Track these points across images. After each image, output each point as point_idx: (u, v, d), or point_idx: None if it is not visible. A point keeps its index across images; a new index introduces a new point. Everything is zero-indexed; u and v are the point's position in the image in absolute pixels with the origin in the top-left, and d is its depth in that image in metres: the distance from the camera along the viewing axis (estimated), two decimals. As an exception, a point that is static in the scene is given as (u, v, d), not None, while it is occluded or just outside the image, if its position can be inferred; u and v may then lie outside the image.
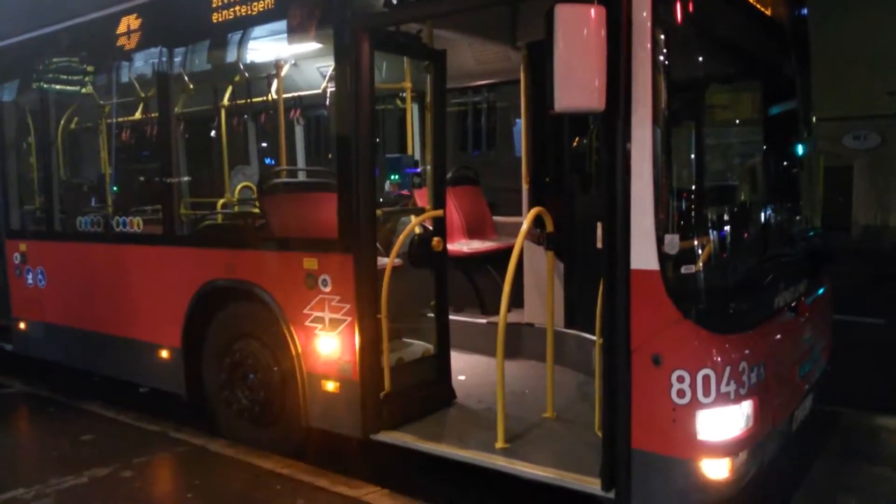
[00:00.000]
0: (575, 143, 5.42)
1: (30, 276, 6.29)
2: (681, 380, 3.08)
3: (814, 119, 5.05)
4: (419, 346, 4.65)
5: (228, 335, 4.76)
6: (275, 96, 5.86)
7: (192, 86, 5.53)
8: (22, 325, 6.42)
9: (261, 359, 4.56)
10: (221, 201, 6.08)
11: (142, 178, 6.10)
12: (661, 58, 3.08)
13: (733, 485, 3.23)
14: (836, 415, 5.14)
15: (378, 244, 4.38)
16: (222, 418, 4.85)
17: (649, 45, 3.07)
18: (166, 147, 5.16)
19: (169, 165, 5.13)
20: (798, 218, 4.77)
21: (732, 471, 3.17)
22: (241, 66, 5.78)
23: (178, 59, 5.19)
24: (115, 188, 5.89)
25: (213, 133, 6.63)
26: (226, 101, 6.28)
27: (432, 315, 4.66)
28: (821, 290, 4.51)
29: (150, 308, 5.25)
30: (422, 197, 5.09)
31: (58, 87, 6.16)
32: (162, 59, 5.13)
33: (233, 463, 4.38)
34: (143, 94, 5.78)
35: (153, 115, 5.44)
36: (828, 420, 4.96)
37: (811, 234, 4.78)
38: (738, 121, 5.64)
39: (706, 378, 3.07)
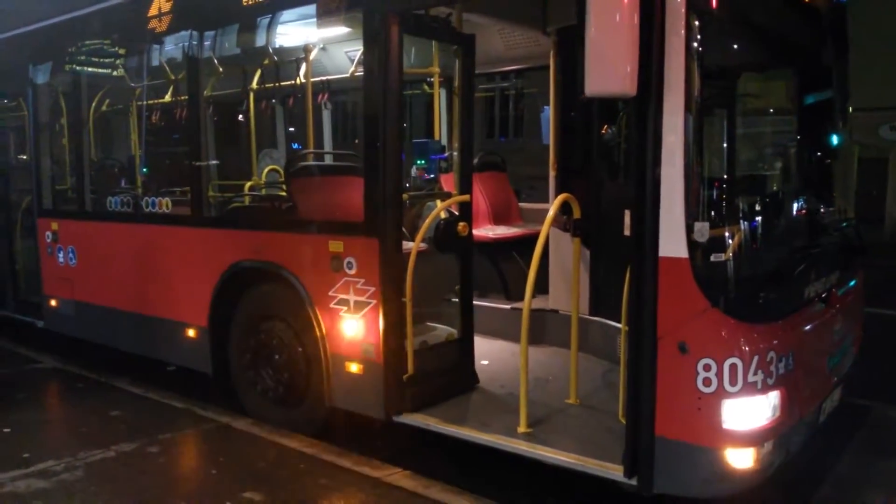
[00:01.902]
0: (603, 131, 5.36)
1: (61, 255, 6.41)
2: (707, 368, 3.05)
3: (850, 109, 4.95)
4: (443, 330, 4.66)
5: (254, 316, 4.82)
6: (303, 80, 5.89)
7: (221, 69, 5.57)
8: (53, 303, 6.56)
9: (286, 340, 4.61)
10: (249, 184, 6.14)
11: (171, 160, 6.17)
12: (695, 44, 3.03)
13: (758, 475, 3.20)
14: (866, 408, 5.06)
15: (404, 228, 4.38)
16: (247, 397, 4.91)
17: (683, 31, 3.02)
18: (195, 130, 5.21)
19: (198, 148, 5.17)
20: (831, 209, 4.69)
21: (757, 461, 3.14)
22: (271, 50, 5.80)
23: (207, 43, 5.23)
24: (144, 169, 5.97)
25: (241, 116, 6.69)
26: (254, 85, 6.33)
27: (457, 300, 4.66)
28: (852, 283, 4.43)
29: (177, 288, 5.33)
30: (448, 182, 5.08)
31: (90, 69, 6.24)
32: (192, 42, 5.17)
33: (257, 441, 4.44)
34: (173, 77, 5.84)
35: (183, 97, 5.48)
36: (857, 413, 4.89)
37: (844, 225, 4.69)
38: (771, 109, 5.54)
39: (733, 367, 3.04)
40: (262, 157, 6.63)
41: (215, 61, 5.48)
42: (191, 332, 5.18)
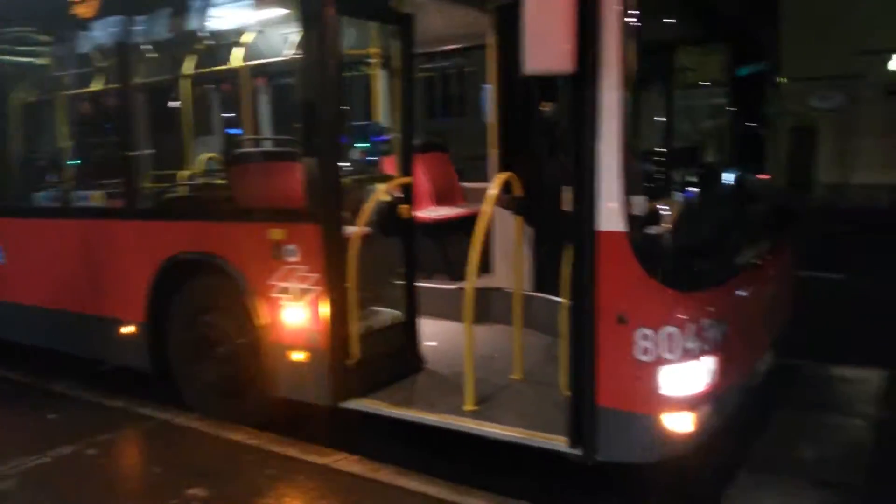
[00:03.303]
0: (544, 108, 5.40)
1: (-13, 254, 6.16)
2: (645, 338, 3.14)
3: (781, 80, 5.09)
4: (388, 314, 4.65)
5: (194, 308, 4.72)
6: (238, 64, 5.76)
7: (152, 55, 5.41)
8: (-19, 305, 6.30)
9: (227, 331, 4.53)
10: (184, 173, 5.99)
11: (102, 152, 5.97)
12: (630, 20, 3.06)
13: (696, 437, 3.31)
14: (797, 367, 5.27)
15: (346, 213, 4.35)
16: (189, 392, 4.82)
17: (618, 8, 3.05)
18: (126, 119, 5.05)
19: (129, 138, 5.02)
20: (763, 177, 4.83)
21: (695, 424, 3.25)
22: (204, 34, 5.66)
23: (137, 28, 5.06)
24: (74, 162, 5.76)
25: (175, 103, 6.51)
26: (188, 71, 6.16)
27: (401, 282, 4.66)
28: (784, 248, 4.59)
29: (113, 284, 5.17)
30: (390, 164, 5.06)
31: (11, 57, 5.98)
32: (120, 27, 4.99)
33: (201, 436, 4.36)
34: (101, 65, 5.64)
35: (113, 86, 5.30)
36: (789, 372, 5.09)
37: (775, 193, 4.85)
38: (705, 82, 5.67)
39: (670, 335, 3.12)
40: (197, 144, 6.47)
41: (145, 47, 5.32)
42: (128, 329, 5.04)
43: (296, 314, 4.16)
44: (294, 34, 5.17)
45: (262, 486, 3.66)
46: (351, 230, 4.22)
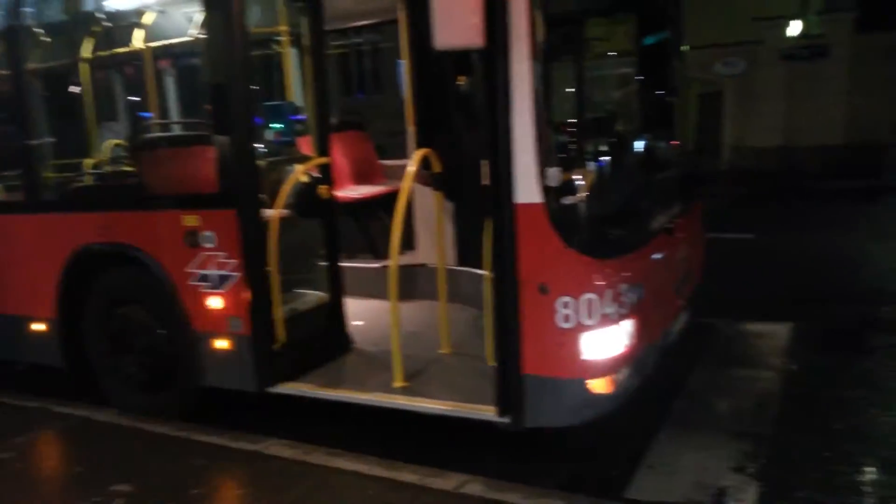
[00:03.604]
0: (460, 82, 5.41)
1: None
2: (566, 305, 3.23)
3: (685, 48, 5.25)
4: (313, 296, 4.61)
5: (109, 301, 4.56)
6: (141, 46, 5.52)
7: (46, 38, 5.11)
8: None
9: (146, 322, 4.40)
10: (90, 161, 5.73)
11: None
12: (538, -8, 3.10)
13: (618, 398, 3.45)
14: (710, 325, 5.55)
15: (263, 196, 4.27)
16: (110, 387, 4.68)
17: (525, -20, 3.07)
18: (22, 107, 4.78)
19: (27, 126, 4.76)
20: (672, 143, 5.00)
21: (616, 385, 3.38)
22: (102, 15, 5.39)
23: (27, 9, 4.78)
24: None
25: (75, 88, 6.20)
26: (87, 54, 5.86)
27: (324, 263, 4.62)
28: (694, 211, 4.78)
29: (18, 280, 4.93)
30: (306, 145, 4.98)
31: None
32: (8, 9, 4.69)
33: (125, 432, 4.25)
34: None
35: (4, 71, 5.00)
36: (702, 331, 5.35)
37: (684, 158, 5.03)
38: (613, 53, 5.80)
39: (589, 302, 3.23)
40: (102, 130, 6.19)
41: (38, 30, 5.03)
42: (39, 326, 4.83)
43: (216, 301, 4.08)
44: (197, 13, 5.00)
45: (190, 477, 3.60)
46: (269, 213, 4.15)
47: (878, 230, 9.95)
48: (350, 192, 5.96)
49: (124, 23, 5.61)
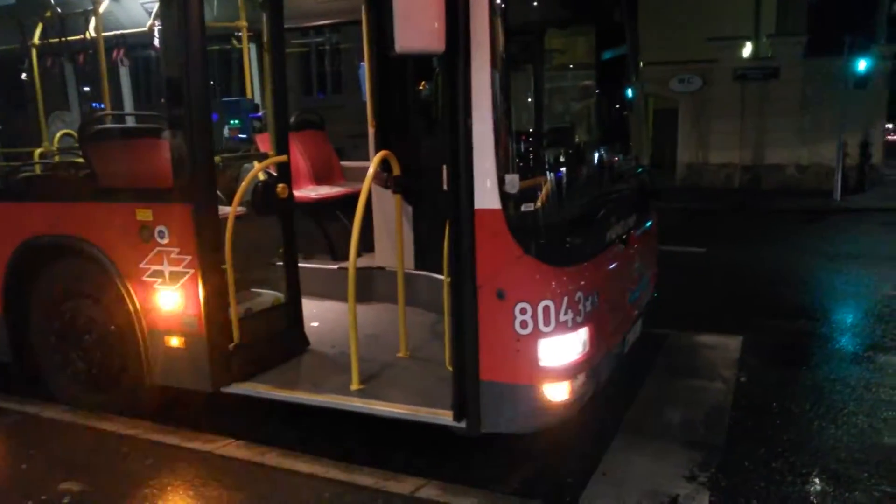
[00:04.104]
0: (420, 87, 5.42)
1: None
2: (523, 311, 3.24)
3: (641, 64, 5.35)
4: (269, 296, 4.55)
5: (57, 295, 4.42)
6: (93, 35, 5.38)
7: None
8: None
9: (95, 318, 4.29)
10: (39, 151, 5.56)
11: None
12: (498, 1, 3.12)
13: (573, 405, 3.48)
14: (663, 336, 5.65)
15: (220, 192, 4.19)
16: (57, 383, 4.54)
17: (486, -13, 3.09)
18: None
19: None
20: (628, 157, 5.08)
21: (572, 392, 3.41)
22: (52, 1, 5.25)
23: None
24: None
25: (24, 76, 6.01)
26: (36, 40, 5.69)
27: (281, 263, 4.56)
28: (648, 224, 4.86)
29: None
30: (264, 142, 4.92)
31: None
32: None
33: (72, 429, 4.12)
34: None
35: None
36: (656, 341, 5.45)
37: (640, 171, 5.11)
38: (572, 65, 5.88)
39: (546, 309, 3.25)
40: (52, 120, 6.01)
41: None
42: (-18, 320, 4.66)
43: (169, 299, 3.99)
44: (154, 4, 4.91)
45: (141, 477, 3.52)
46: (225, 210, 4.08)
47: (825, 248, 10.29)
48: (309, 191, 5.90)
49: (77, 9, 5.47)
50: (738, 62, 18.16)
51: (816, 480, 3.61)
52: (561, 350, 3.32)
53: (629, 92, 5.16)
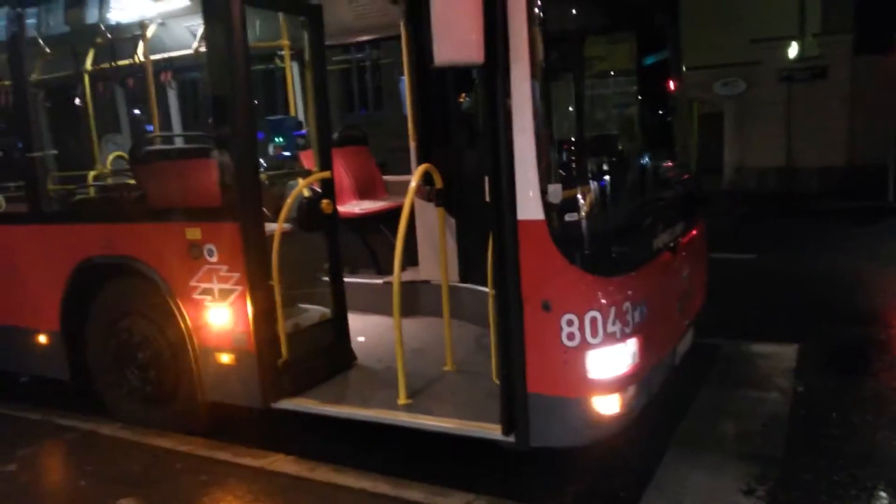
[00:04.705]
0: (461, 99, 5.42)
1: None
2: (570, 323, 3.20)
3: (684, 68, 5.27)
4: (316, 311, 4.59)
5: (112, 314, 4.54)
6: (142, 59, 5.54)
7: (49, 50, 5.13)
8: None
9: (149, 336, 4.38)
10: (93, 173, 5.73)
11: (0, 153, 5.63)
12: (537, 10, 3.11)
13: (624, 418, 3.42)
14: (715, 346, 5.51)
15: (265, 210, 4.26)
16: (113, 401, 4.65)
17: (524, -1, 3.08)
18: (24, 118, 4.78)
19: (30, 138, 4.76)
20: (674, 163, 5.00)
21: (622, 405, 3.35)
22: (104, 28, 5.42)
23: (30, 21, 4.79)
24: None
25: (77, 101, 6.21)
26: (89, 66, 5.88)
27: (327, 279, 4.60)
28: (696, 231, 4.77)
29: (22, 292, 4.90)
30: (308, 159, 4.98)
31: None
32: (11, 19, 4.71)
33: (128, 445, 4.22)
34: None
35: (6, 83, 5.00)
36: (708, 351, 5.32)
37: (686, 177, 5.03)
38: (614, 72, 5.82)
39: (593, 320, 3.20)
40: (104, 143, 6.19)
41: (41, 42, 5.04)
42: (42, 338, 4.81)
43: (220, 315, 4.05)
44: (199, 27, 5.03)
45: (194, 493, 3.57)
46: (272, 227, 4.14)
47: (880, 251, 9.94)
48: (352, 206, 5.95)
49: (127, 35, 5.64)
50: (782, 63, 17.73)
51: (882, 494, 3.47)
52: (610, 362, 3.26)
53: (672, 97, 5.08)
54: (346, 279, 4.70)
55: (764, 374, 5.05)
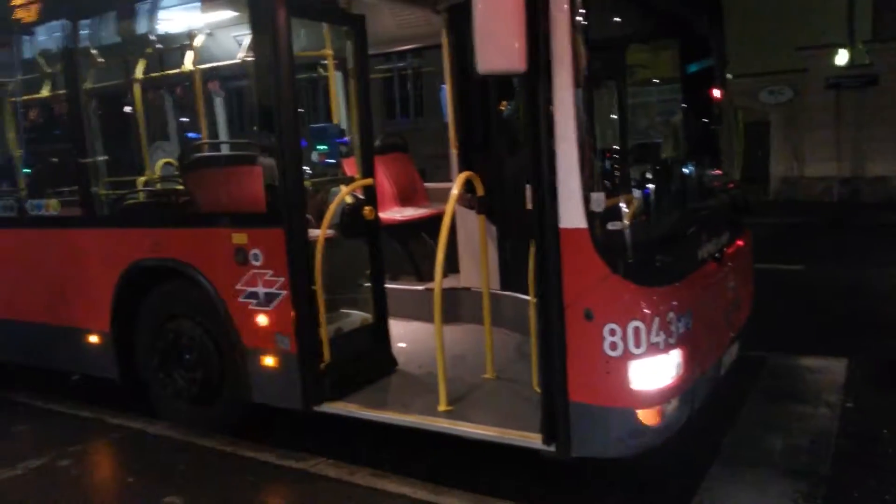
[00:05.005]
0: (502, 106, 5.43)
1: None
2: (612, 333, 3.17)
3: (728, 76, 5.20)
4: (357, 316, 4.63)
5: (160, 315, 4.64)
6: (191, 68, 5.66)
7: (101, 60, 5.29)
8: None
9: (195, 338, 4.47)
10: (142, 179, 5.87)
11: (55, 159, 5.82)
12: (580, 18, 3.10)
13: (667, 430, 3.37)
14: (761, 358, 5.40)
15: (309, 216, 4.32)
16: (160, 400, 4.75)
17: (567, 6, 3.08)
18: (78, 125, 4.94)
19: (83, 144, 4.91)
20: (719, 172, 4.93)
21: (665, 417, 3.31)
22: (154, 38, 5.56)
23: (83, 32, 4.95)
24: (26, 170, 5.60)
25: (128, 109, 6.37)
26: (139, 75, 6.03)
27: (369, 284, 4.64)
28: (742, 241, 4.69)
29: (74, 293, 5.05)
30: (350, 166, 5.03)
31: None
32: (66, 31, 4.87)
33: (174, 444, 4.31)
34: (48, 70, 5.49)
35: (61, 91, 5.17)
36: (754, 364, 5.21)
37: (731, 186, 4.95)
38: (657, 80, 5.77)
39: (636, 330, 3.17)
40: (153, 149, 6.34)
41: (94, 51, 5.20)
42: (93, 338, 4.94)
43: (264, 319, 4.12)
44: (245, 36, 5.12)
45: (238, 494, 3.63)
46: (315, 233, 4.20)
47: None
48: (394, 213, 6.00)
49: (176, 45, 5.78)
50: (830, 70, 17.36)
51: (935, 513, 3.36)
52: (653, 372, 3.23)
53: (717, 105, 5.02)
54: (387, 285, 4.74)
55: (812, 389, 4.93)
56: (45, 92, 5.62)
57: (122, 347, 4.83)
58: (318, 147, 5.41)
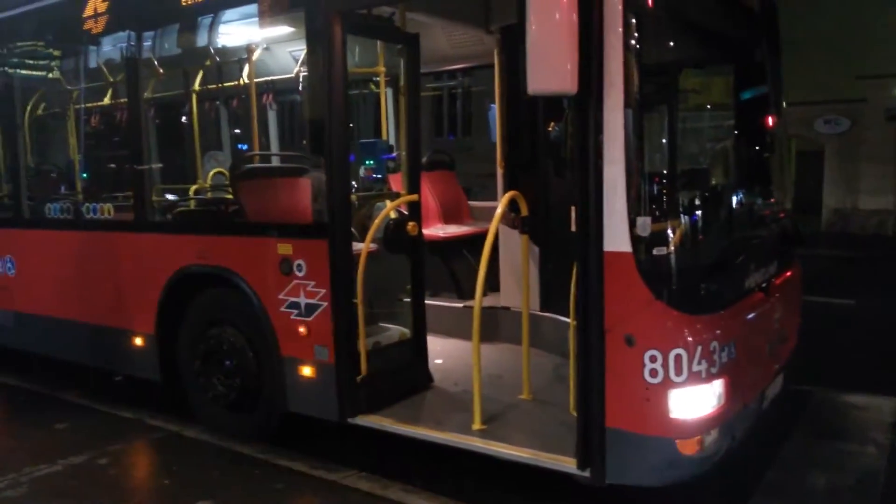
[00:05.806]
0: (550, 128, 5.42)
1: (-2, 265, 6.19)
2: (653, 359, 3.12)
3: (784, 104, 5.11)
4: (396, 331, 4.66)
5: (203, 321, 4.73)
6: (247, 81, 5.81)
7: (161, 70, 5.46)
8: (-9, 314, 6.32)
9: (236, 344, 4.54)
10: (194, 187, 6.03)
11: (112, 165, 6.01)
12: (633, 41, 3.09)
13: (706, 461, 3.29)
14: (807, 393, 5.25)
15: (353, 229, 4.37)
16: (198, 405, 4.83)
17: (621, 29, 3.07)
18: (136, 133, 5.09)
19: (139, 151, 5.06)
20: (769, 201, 4.83)
21: (704, 448, 3.23)
22: (212, 51, 5.73)
23: (147, 44, 5.13)
24: (84, 175, 5.80)
25: (184, 118, 6.56)
26: (197, 86, 6.21)
27: (409, 300, 4.67)
28: (791, 272, 4.58)
29: (123, 295, 5.19)
30: (397, 182, 5.09)
31: (24, 71, 6.04)
32: (130, 43, 5.04)
33: (210, 449, 4.38)
34: (111, 79, 5.69)
35: (122, 100, 5.35)
36: (799, 398, 5.07)
37: (781, 216, 4.84)
38: (709, 105, 5.69)
39: (678, 357, 3.11)
40: (206, 159, 6.52)
41: (155, 62, 5.38)
42: (138, 340, 5.06)
43: (304, 329, 4.17)
44: (301, 52, 5.24)
45: (269, 501, 3.66)
46: (359, 247, 4.24)
47: None
48: (437, 230, 6.03)
49: (233, 58, 5.94)
50: (891, 101, 16.90)
51: None
52: (693, 402, 3.16)
53: (770, 133, 4.93)
54: (426, 301, 4.75)
55: (859, 427, 4.76)
56: (106, 100, 5.84)
57: (166, 350, 4.93)
58: (366, 162, 5.49)
